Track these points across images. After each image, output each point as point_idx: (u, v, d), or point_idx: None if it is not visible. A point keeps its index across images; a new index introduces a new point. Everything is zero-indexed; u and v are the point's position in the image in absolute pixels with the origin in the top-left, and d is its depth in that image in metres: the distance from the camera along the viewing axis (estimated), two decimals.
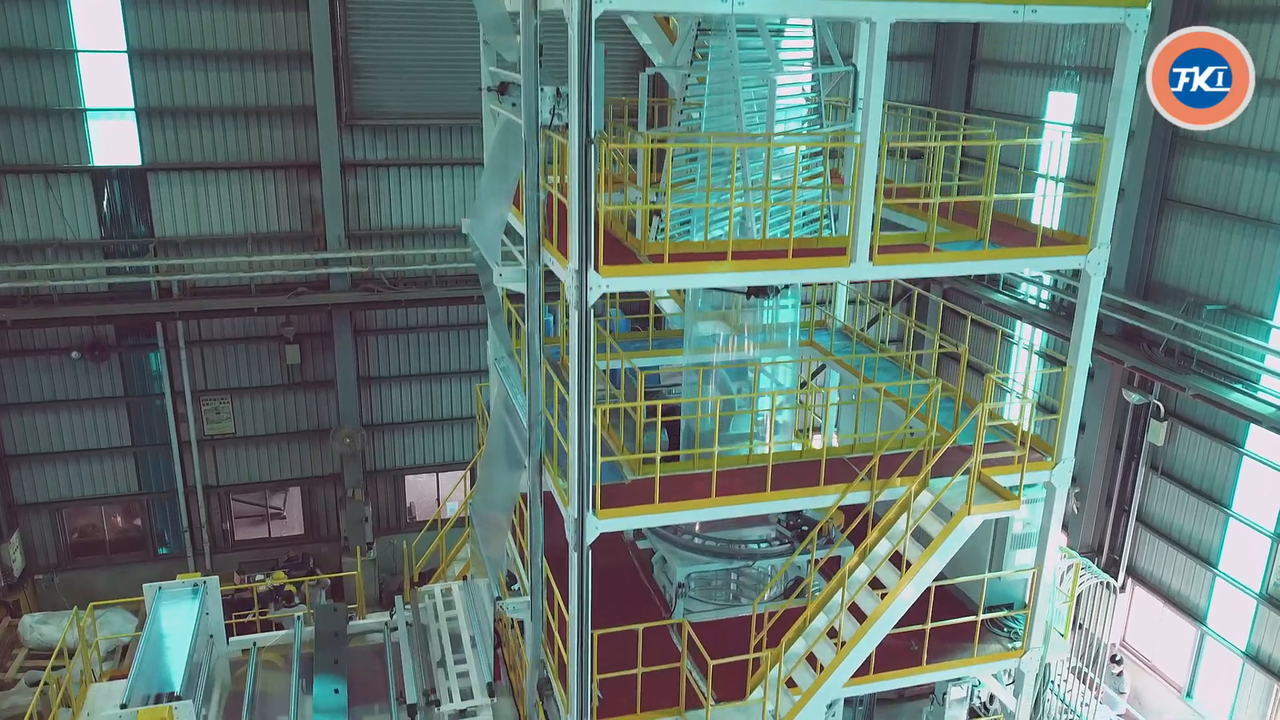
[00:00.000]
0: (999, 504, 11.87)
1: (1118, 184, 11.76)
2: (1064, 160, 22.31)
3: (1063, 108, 23.11)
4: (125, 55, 21.77)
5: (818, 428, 14.48)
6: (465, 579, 17.09)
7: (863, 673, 12.34)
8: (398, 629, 15.81)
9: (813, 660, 12.12)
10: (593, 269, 10.21)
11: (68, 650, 17.97)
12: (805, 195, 12.51)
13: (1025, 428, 12.62)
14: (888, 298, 16.81)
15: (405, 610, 16.16)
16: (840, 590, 11.97)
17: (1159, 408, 20.29)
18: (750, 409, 13.35)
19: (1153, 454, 20.83)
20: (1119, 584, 20.93)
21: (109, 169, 22.30)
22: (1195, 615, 19.99)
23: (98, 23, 21.50)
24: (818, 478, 12.02)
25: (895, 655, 12.85)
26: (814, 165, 13.38)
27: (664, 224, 11.27)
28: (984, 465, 12.10)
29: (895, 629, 12.15)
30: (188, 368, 23.79)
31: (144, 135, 22.27)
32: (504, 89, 13.44)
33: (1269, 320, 18.13)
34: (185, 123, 22.40)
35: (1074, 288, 18.26)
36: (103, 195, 22.40)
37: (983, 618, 13.04)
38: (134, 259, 22.77)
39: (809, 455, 12.65)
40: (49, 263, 22.04)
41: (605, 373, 13.85)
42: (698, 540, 13.86)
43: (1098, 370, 20.82)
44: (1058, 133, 23.11)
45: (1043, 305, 23.40)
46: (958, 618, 12.94)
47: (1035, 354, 23.47)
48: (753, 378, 13.41)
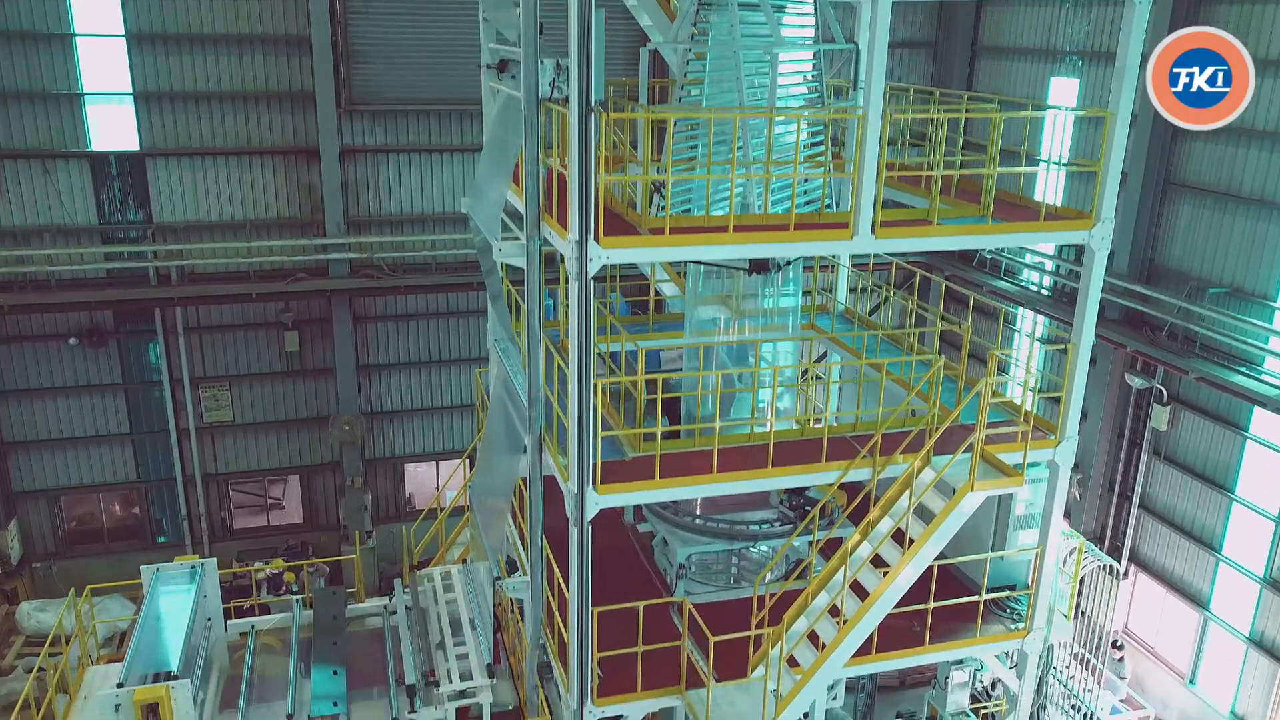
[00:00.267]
0: (1002, 480, 11.78)
1: (1122, 158, 11.67)
2: (1066, 144, 22.22)
3: (1065, 93, 22.99)
4: (123, 39, 21.69)
5: (819, 418, 14.40)
6: (465, 563, 17.00)
7: (865, 652, 12.26)
8: (396, 613, 15.71)
9: (814, 639, 12.03)
10: (593, 239, 10.13)
11: (65, 637, 17.88)
12: (807, 174, 12.45)
13: (1027, 405, 12.51)
14: (890, 282, 16.77)
15: (404, 594, 16.06)
16: (842, 568, 11.88)
17: (1162, 392, 20.20)
18: (752, 390, 13.29)
19: (1155, 439, 20.73)
20: (1122, 570, 20.84)
21: (107, 154, 22.22)
22: (1198, 601, 19.90)
23: (95, 6, 21.43)
24: (819, 455, 11.94)
25: (898, 636, 12.78)
26: (816, 143, 13.29)
27: (665, 199, 11.19)
28: (987, 443, 12.02)
29: (898, 609, 12.07)
30: (186, 355, 23.72)
31: (142, 120, 22.19)
32: (503, 66, 13.37)
33: (1272, 303, 18.05)
34: (184, 108, 22.32)
35: (1076, 273, 18.21)
36: (101, 180, 22.32)
37: (985, 598, 12.96)
38: (132, 245, 22.66)
39: (810, 434, 12.56)
40: (47, 248, 21.94)
41: (606, 354, 13.75)
42: (698, 521, 13.77)
43: (1100, 356, 20.71)
44: (1060, 114, 22.99)
45: (1044, 291, 23.32)
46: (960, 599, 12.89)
47: (1038, 341, 23.38)
48: (754, 361, 13.32)
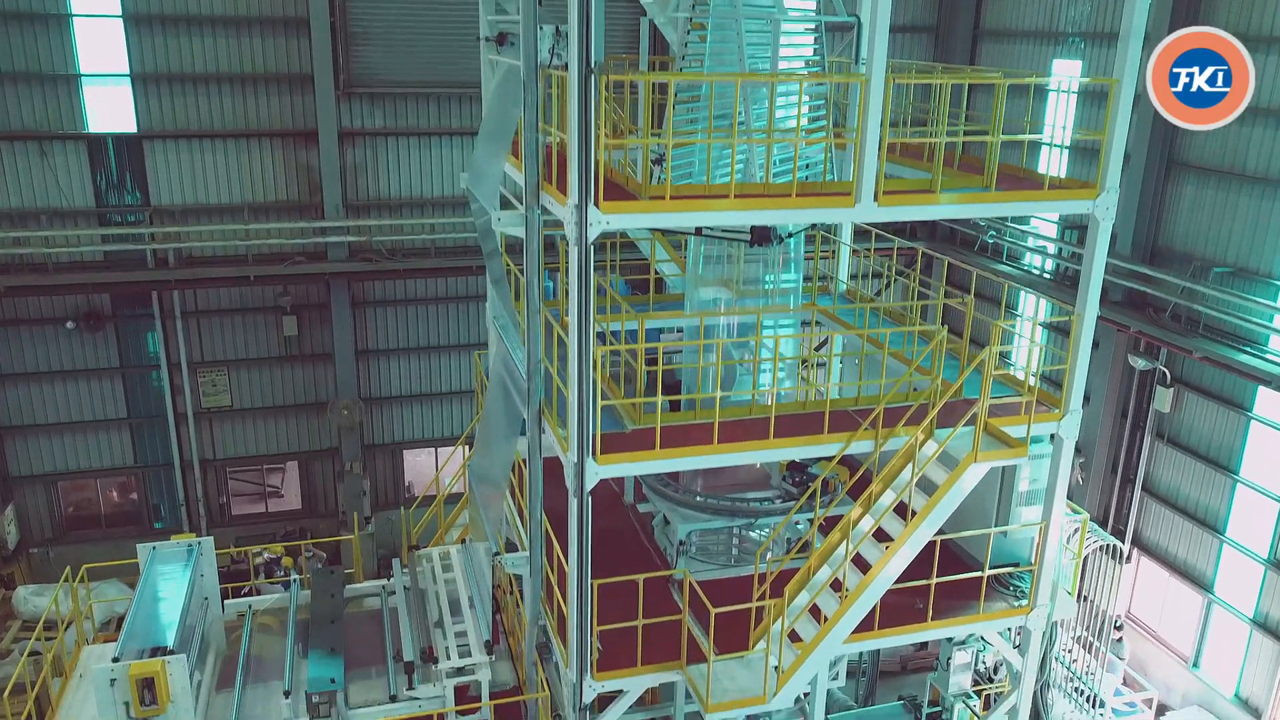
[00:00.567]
0: (1005, 452, 11.67)
1: (1127, 126, 11.55)
2: (1069, 125, 22.12)
3: (1068, 76, 22.89)
4: (120, 20, 21.53)
5: (821, 390, 14.29)
6: (464, 543, 16.88)
7: (867, 628, 12.16)
8: (395, 593, 15.61)
9: (816, 613, 11.92)
10: (592, 204, 10.00)
11: (62, 621, 17.78)
12: (805, 150, 12.33)
13: (1032, 374, 12.38)
14: (892, 264, 16.60)
15: (403, 574, 15.95)
16: (844, 542, 11.76)
17: (1165, 374, 20.08)
18: (753, 374, 13.18)
19: (1159, 421, 20.62)
20: (1126, 551, 20.72)
21: (104, 136, 22.07)
22: (1202, 584, 19.79)
23: None
24: (821, 427, 11.82)
25: (900, 613, 12.70)
26: (818, 117, 13.17)
27: (665, 172, 11.03)
28: (990, 416, 11.91)
29: (900, 585, 11.96)
30: (184, 339, 23.60)
31: (139, 102, 22.04)
32: (502, 40, 13.24)
33: (1277, 281, 17.91)
34: (181, 89, 22.17)
35: (1078, 255, 18.07)
36: (98, 163, 22.18)
37: (989, 573, 12.85)
38: (129, 228, 22.54)
39: (812, 407, 12.43)
40: (43, 230, 21.81)
41: (606, 332, 13.63)
42: (699, 498, 13.66)
43: (1102, 339, 20.59)
44: (1064, 92, 22.91)
45: (1047, 275, 23.20)
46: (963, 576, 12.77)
47: (1040, 325, 23.24)
48: (754, 343, 13.19)
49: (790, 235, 12.78)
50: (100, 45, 21.60)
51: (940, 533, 11.95)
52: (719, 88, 12.13)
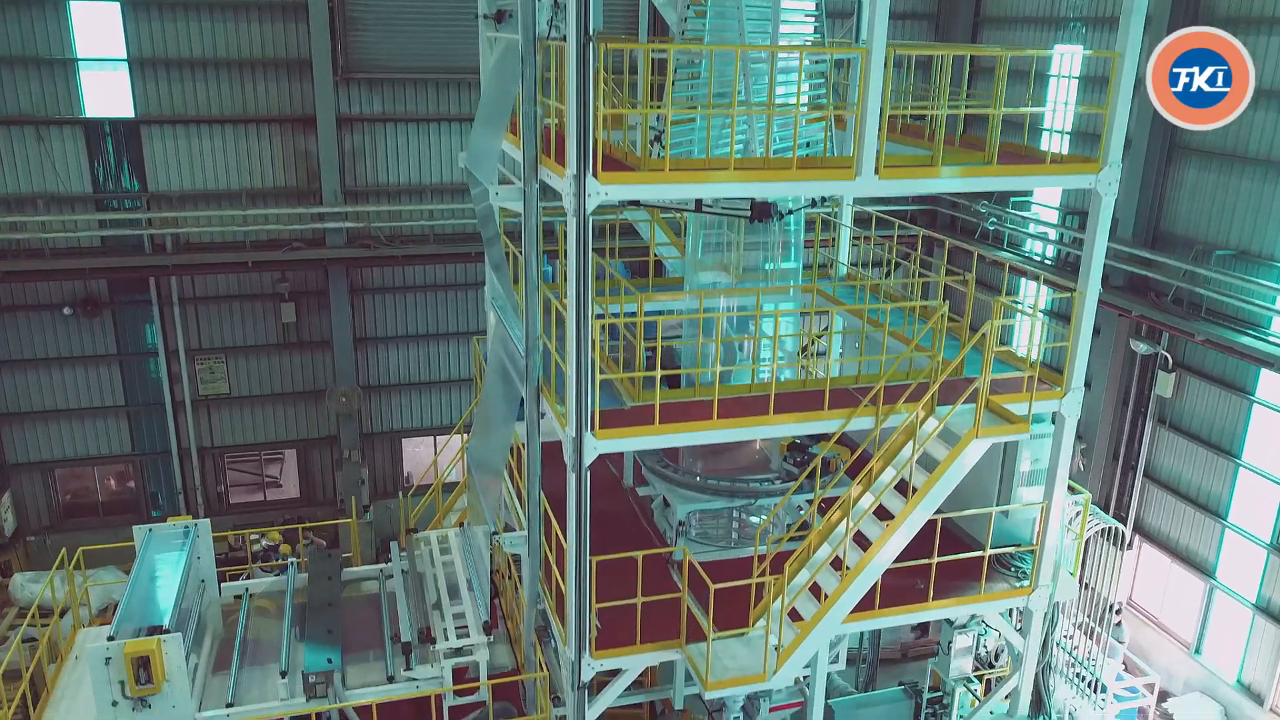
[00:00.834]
0: (1007, 428, 11.59)
1: (1130, 101, 11.44)
2: (1071, 110, 22.06)
3: (1069, 61, 22.78)
4: (117, 4, 21.41)
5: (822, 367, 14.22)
6: (462, 526, 16.80)
7: (868, 608, 12.07)
8: (393, 576, 15.52)
9: (816, 592, 11.83)
10: (591, 175, 9.91)
11: (57, 606, 17.69)
12: (806, 128, 12.23)
13: (1035, 349, 12.30)
14: (893, 244, 16.52)
15: (401, 557, 15.86)
16: (844, 519, 11.67)
17: (1166, 359, 19.99)
18: (752, 357, 13.10)
19: (1160, 407, 20.52)
20: (1127, 535, 20.63)
21: (101, 121, 21.97)
22: (1204, 569, 19.69)
23: None
24: (821, 404, 11.73)
25: (901, 593, 12.61)
26: (817, 94, 13.09)
27: (664, 148, 10.90)
28: (992, 394, 11.82)
29: (901, 564, 11.88)
30: (182, 326, 23.50)
31: (137, 87, 21.93)
32: (500, 17, 13.16)
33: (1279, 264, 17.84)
34: (179, 74, 22.06)
35: (1080, 240, 17.93)
36: (95, 148, 22.07)
37: (990, 553, 12.76)
38: (127, 213, 22.43)
39: (812, 385, 12.35)
40: (40, 215, 21.71)
41: (605, 312, 13.54)
42: (699, 479, 13.57)
43: (1103, 325, 20.51)
44: (1066, 80, 22.87)
45: (1048, 261, 23.11)
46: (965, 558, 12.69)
47: (1041, 313, 23.12)
48: (754, 326, 13.10)
49: (790, 212, 12.67)
50: (97, 29, 21.49)
51: (940, 512, 11.86)
52: (719, 65, 12.03)
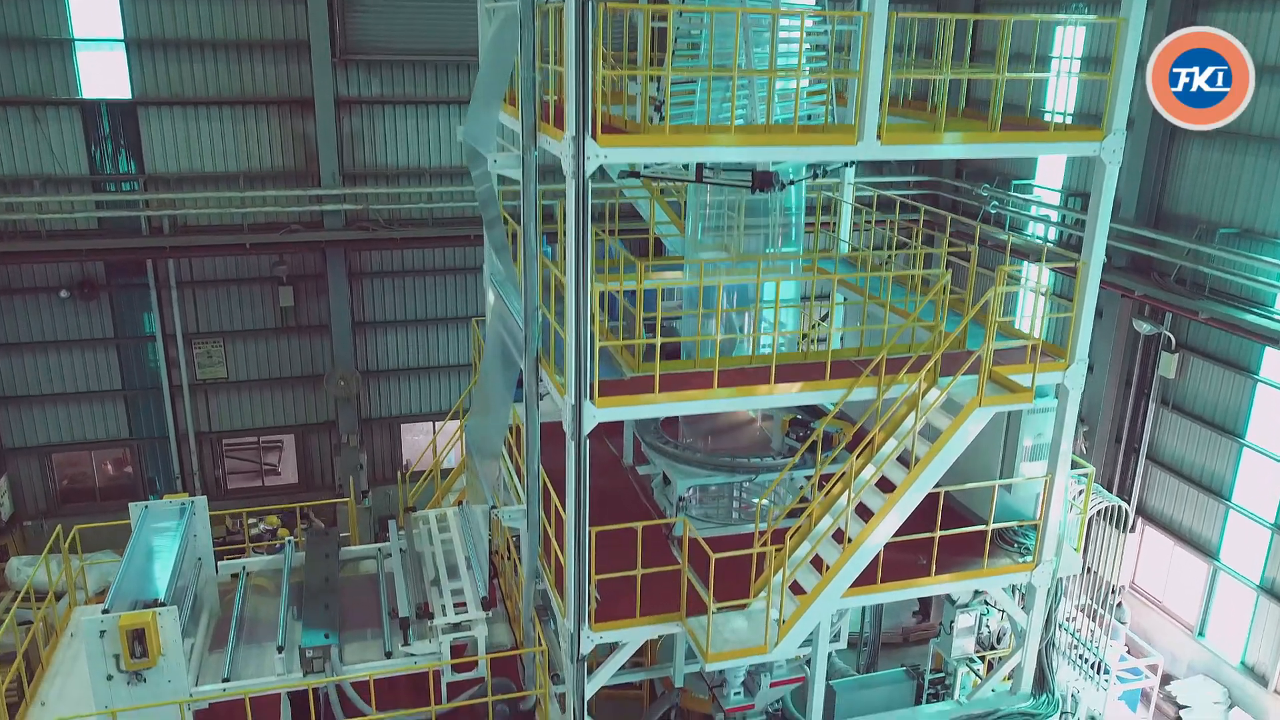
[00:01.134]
0: (1010, 397, 11.48)
1: (1134, 67, 11.32)
2: (1073, 97, 21.94)
3: (1071, 41, 22.67)
4: None
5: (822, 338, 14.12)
6: (460, 505, 16.70)
7: (869, 582, 11.96)
8: (391, 555, 15.42)
9: (818, 564, 11.72)
10: (590, 137, 9.78)
11: (53, 589, 17.60)
12: (806, 101, 12.11)
13: (1038, 320, 12.21)
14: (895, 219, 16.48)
15: (399, 536, 15.76)
16: (846, 491, 11.55)
17: (1170, 340, 19.87)
18: (753, 334, 12.98)
19: (1163, 388, 20.41)
20: (1129, 517, 20.50)
21: (98, 102, 21.82)
22: (1207, 551, 19.58)
23: None
24: (823, 374, 11.61)
25: (903, 568, 12.50)
26: (818, 69, 12.96)
27: (664, 116, 10.77)
28: (995, 365, 11.71)
29: (903, 537, 11.76)
30: (179, 310, 23.37)
31: (134, 68, 21.77)
32: None
33: None
34: (176, 55, 21.90)
35: (1082, 222, 17.82)
36: (92, 129, 21.93)
37: (993, 527, 12.65)
38: (124, 195, 22.29)
39: (814, 357, 12.23)
40: (37, 196, 21.59)
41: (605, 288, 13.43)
42: (699, 455, 13.46)
43: (1106, 306, 20.39)
44: (1068, 60, 22.76)
45: (1050, 243, 22.97)
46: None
47: (1042, 294, 23.03)
48: (754, 311, 12.98)
49: (792, 182, 12.55)
50: (94, 9, 21.31)
51: (940, 485, 11.74)
52: (719, 35, 11.90)
